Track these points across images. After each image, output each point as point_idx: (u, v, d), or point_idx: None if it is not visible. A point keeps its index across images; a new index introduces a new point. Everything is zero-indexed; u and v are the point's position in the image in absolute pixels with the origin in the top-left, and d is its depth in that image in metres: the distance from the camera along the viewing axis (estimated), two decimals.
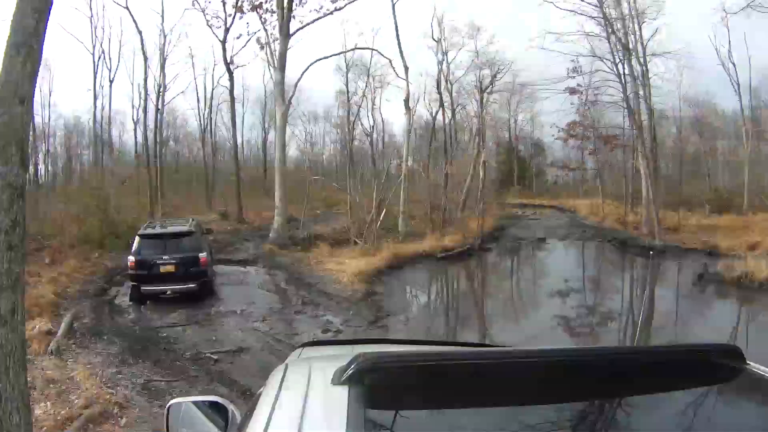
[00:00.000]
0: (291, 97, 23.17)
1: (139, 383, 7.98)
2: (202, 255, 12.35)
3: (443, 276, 19.48)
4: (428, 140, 35.06)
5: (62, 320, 11.14)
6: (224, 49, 27.67)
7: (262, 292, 14.74)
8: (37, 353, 9.55)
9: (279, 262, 18.08)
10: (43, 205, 22.29)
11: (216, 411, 2.21)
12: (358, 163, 39.33)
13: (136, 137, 27.29)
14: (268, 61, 23.13)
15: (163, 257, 12.08)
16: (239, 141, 35.04)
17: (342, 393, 1.31)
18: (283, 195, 21.39)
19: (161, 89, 27.67)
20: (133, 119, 32.49)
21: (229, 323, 11.59)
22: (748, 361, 1.62)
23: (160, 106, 27.72)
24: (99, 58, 29.28)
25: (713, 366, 1.64)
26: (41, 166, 38.31)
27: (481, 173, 25.09)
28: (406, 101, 26.29)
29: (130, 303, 12.98)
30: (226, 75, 29.36)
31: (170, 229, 13.12)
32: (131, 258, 12.14)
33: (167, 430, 2.23)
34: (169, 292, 12.24)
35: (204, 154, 36.46)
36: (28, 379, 8.46)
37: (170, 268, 12.07)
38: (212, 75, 36.56)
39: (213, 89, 36.08)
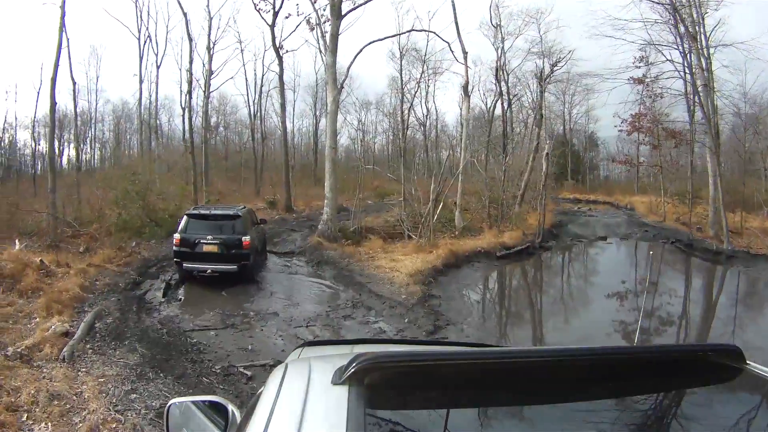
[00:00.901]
0: (343, 81, 21.69)
1: (154, 407, 6.51)
2: (246, 238, 12.44)
3: (504, 278, 17.59)
4: (486, 131, 33.61)
5: (83, 319, 9.92)
6: (273, 34, 26.78)
7: (308, 291, 13.32)
8: (48, 359, 8.37)
9: (327, 257, 16.59)
10: (85, 191, 21.47)
11: (216, 411, 2.15)
12: (410, 153, 38.20)
13: (183, 123, 26.29)
14: (319, 45, 21.94)
15: (207, 237, 12.33)
16: (289, 128, 34.19)
17: (342, 393, 1.32)
18: (334, 185, 19.88)
19: (208, 74, 26.61)
20: (181, 105, 31.90)
21: (268, 327, 10.17)
22: (748, 361, 1.65)
23: (207, 92, 26.65)
24: (145, 42, 28.78)
25: (713, 366, 1.66)
26: (90, 151, 38.41)
27: (544, 166, 23.27)
28: (465, 87, 24.75)
29: (162, 300, 11.77)
30: (276, 61, 28.54)
31: (217, 211, 13.23)
32: (177, 235, 12.44)
33: (167, 430, 2.14)
34: (209, 271, 12.35)
35: (253, 141, 35.62)
36: (32, 391, 7.31)
37: (213, 248, 12.29)
38: (262, 61, 36.20)
39: (263, 75, 35.80)
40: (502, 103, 33.23)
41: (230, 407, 2.16)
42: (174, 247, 12.63)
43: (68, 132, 29.14)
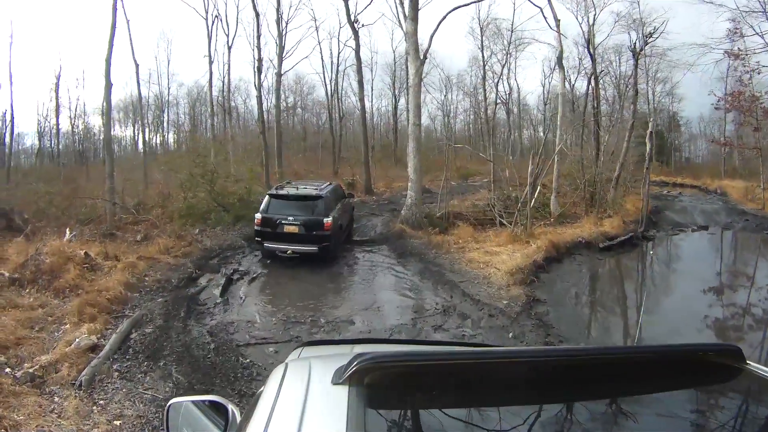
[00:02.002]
0: (426, 52, 19.04)
1: None
2: (327, 220, 12.17)
3: (615, 276, 14.45)
4: (569, 109, 30.51)
5: (118, 328, 7.99)
6: (347, 7, 24.84)
7: (390, 291, 11.02)
8: (63, 383, 6.50)
9: (412, 247, 14.26)
10: (152, 177, 20.12)
11: (216, 411, 2.13)
12: (491, 133, 35.85)
13: (260, 103, 24.59)
14: (398, 14, 19.55)
15: (289, 218, 12.19)
16: (368, 107, 32.67)
17: (342, 393, 1.32)
18: (418, 165, 17.55)
19: (281, 53, 24.79)
20: (255, 86, 30.60)
21: None
22: (748, 361, 1.64)
23: (279, 71, 24.81)
24: (213, 23, 27.30)
25: (713, 366, 1.66)
26: (165, 135, 38.00)
27: (648, 146, 20.07)
28: (559, 58, 21.89)
29: (219, 300, 9.76)
30: (352, 37, 26.45)
31: (299, 191, 12.94)
32: (258, 215, 12.39)
33: (167, 430, 2.10)
34: (289, 252, 12.21)
35: (331, 121, 33.86)
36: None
37: (293, 229, 12.14)
38: (338, 38, 34.72)
39: (339, 53, 34.39)
40: (593, 79, 29.82)
41: (230, 407, 2.08)
42: (255, 227, 12.52)
43: (143, 116, 28.26)
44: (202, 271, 11.49)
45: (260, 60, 24.60)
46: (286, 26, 25.91)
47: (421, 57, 18.80)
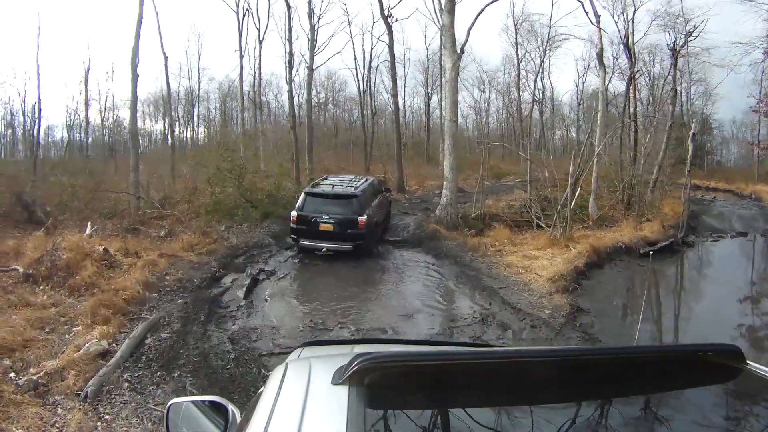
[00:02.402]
0: (463, 46, 18.14)
1: None
2: (361, 218, 12.19)
3: (658, 283, 13.27)
4: (614, 108, 29.52)
5: (133, 332, 7.31)
6: (380, 1, 23.90)
7: (425, 296, 10.20)
8: (68, 393, 5.86)
9: (447, 249, 13.37)
10: (180, 171, 19.60)
11: (216, 411, 2.11)
12: (524, 132, 35.33)
13: (291, 98, 23.96)
14: (434, 6, 18.64)
15: (324, 216, 12.19)
16: (400, 104, 31.62)
17: (342, 393, 1.31)
18: (454, 163, 16.74)
19: (312, 48, 24.12)
20: (286, 80, 30.11)
21: None
22: (748, 361, 1.63)
23: (311, 66, 24.15)
24: (244, 16, 26.77)
25: (713, 366, 1.66)
26: (196, 129, 37.77)
27: (690, 148, 18.89)
28: (600, 55, 20.81)
29: (242, 302, 9.04)
30: (385, 32, 25.54)
31: (335, 190, 12.99)
32: (294, 213, 12.39)
33: (167, 430, 2.08)
34: (324, 249, 12.15)
35: (363, 118, 33.14)
36: None
37: (329, 227, 12.15)
38: (371, 33, 34.17)
39: (372, 48, 33.73)
40: (631, 79, 28.63)
41: (230, 407, 2.06)
42: (291, 224, 12.51)
43: (172, 110, 27.85)
44: (226, 271, 10.81)
45: (291, 53, 23.97)
46: (318, 20, 25.28)
47: (458, 51, 17.93)
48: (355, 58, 35.12)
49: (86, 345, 6.72)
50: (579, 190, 17.59)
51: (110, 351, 6.78)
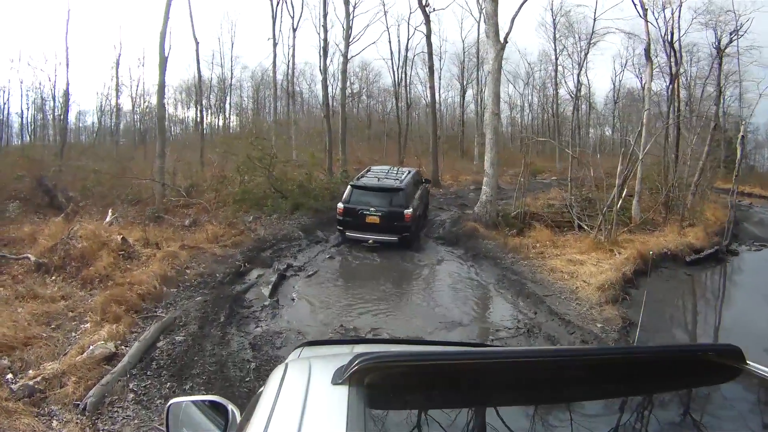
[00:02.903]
0: (507, 36, 17.03)
1: None
2: (407, 211, 12.24)
3: (708, 295, 12.01)
4: (640, 108, 28.10)
5: (145, 333, 6.52)
6: None
7: (464, 301, 9.26)
8: (66, 403, 5.12)
9: (486, 249, 12.39)
10: (208, 159, 18.92)
11: (216, 411, 2.08)
12: (555, 130, 34.70)
13: (324, 86, 23.17)
14: None
15: (370, 208, 12.29)
16: (436, 98, 30.37)
17: (342, 393, 1.31)
18: (496, 159, 15.74)
19: (348, 36, 23.25)
20: (320, 70, 29.42)
21: None
22: (748, 361, 1.62)
23: (347, 53, 23.29)
24: (278, 3, 25.99)
25: (713, 366, 1.64)
26: (228, 118, 37.33)
27: (738, 151, 17.78)
28: (647, 51, 19.55)
29: (267, 302, 8.21)
30: (423, 23, 24.64)
31: (380, 182, 13.08)
32: (340, 205, 12.55)
33: (167, 429, 2.05)
34: (370, 241, 12.14)
35: (397, 109, 32.23)
36: None
37: (375, 219, 12.21)
38: (407, 23, 33.21)
39: (408, 39, 32.65)
40: (674, 78, 27.21)
41: (230, 407, 2.03)
42: (338, 216, 12.66)
43: (202, 96, 27.31)
44: (251, 265, 10.01)
45: (326, 40, 23.10)
46: (354, 9, 24.40)
47: (502, 41, 16.87)
48: (391, 48, 34.25)
49: (91, 348, 5.94)
50: (624, 191, 16.48)
51: (118, 354, 6.01)
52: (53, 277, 8.49)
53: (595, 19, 33.03)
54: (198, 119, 27.18)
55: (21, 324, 6.72)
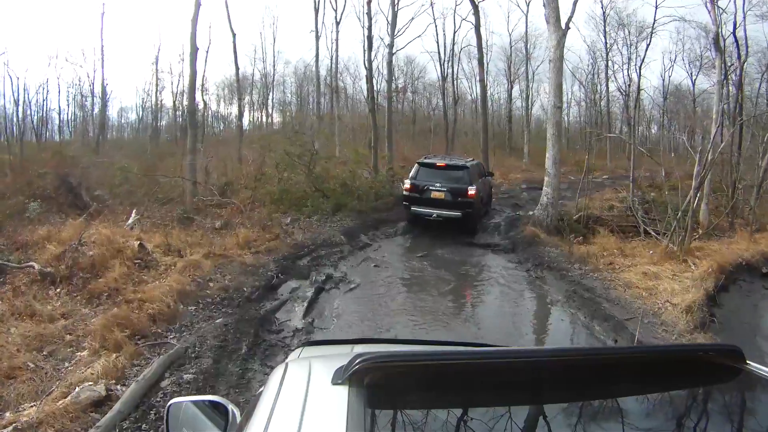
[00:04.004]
0: (569, 21, 15.38)
1: None
2: (471, 189, 12.64)
3: None
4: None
5: (146, 370, 5.26)
6: None
7: (529, 323, 7.96)
8: None
9: (549, 258, 10.82)
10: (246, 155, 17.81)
11: (216, 411, 2.06)
12: (603, 127, 33.53)
13: (369, 78, 22.00)
14: None
15: (436, 184, 12.70)
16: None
17: (342, 393, 1.30)
18: (558, 156, 14.11)
19: (393, 29, 21.94)
20: (364, 65, 28.39)
21: None
22: (748, 361, 1.60)
23: (393, 42, 22.01)
24: None
25: (713, 366, 1.63)
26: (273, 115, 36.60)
27: None
28: (716, 41, 17.45)
29: (300, 326, 6.89)
30: (471, 13, 23.20)
31: (447, 161, 13.64)
32: (407, 182, 13.02)
33: (167, 429, 2.01)
34: (435, 215, 12.63)
35: (444, 104, 30.78)
36: None
37: (440, 195, 12.65)
38: (453, 16, 31.90)
39: (455, 31, 31.56)
40: (741, 71, 25.22)
41: (230, 407, 2.02)
42: (404, 192, 13.16)
43: (241, 90, 26.44)
44: (285, 276, 8.72)
45: (370, 28, 21.75)
46: (396, 7, 23.12)
47: (564, 27, 15.18)
48: (437, 41, 33.05)
49: (76, 390, 4.70)
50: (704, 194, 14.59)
51: (110, 397, 4.74)
52: (58, 290, 7.37)
53: (657, 7, 31.01)
54: (239, 114, 26.39)
55: (8, 350, 5.59)
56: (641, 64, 30.88)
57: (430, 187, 12.65)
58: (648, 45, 31.08)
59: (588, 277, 9.77)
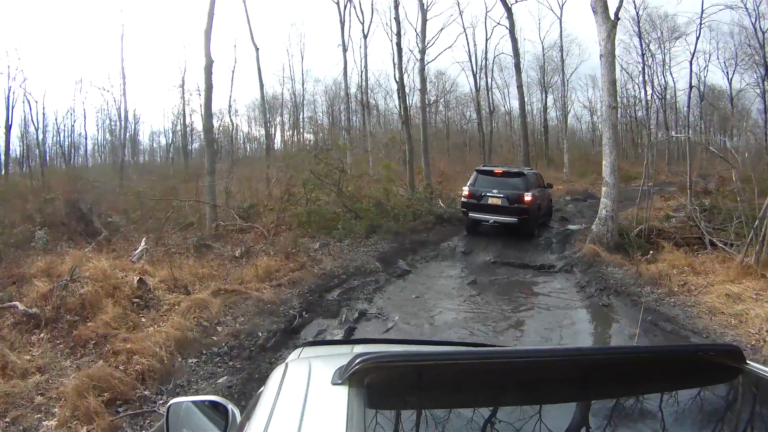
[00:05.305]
0: (618, 9, 13.98)
1: None
2: (527, 195, 12.76)
3: None
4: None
5: None
6: None
7: None
8: None
9: (615, 280, 9.42)
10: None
11: (216, 411, 2.02)
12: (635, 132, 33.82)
13: (399, 98, 21.13)
14: None
15: (493, 191, 12.95)
16: (514, 104, 28.08)
17: (342, 393, 1.29)
18: (616, 163, 12.60)
19: (424, 29, 20.92)
20: (394, 79, 27.61)
21: None
22: (748, 361, 1.60)
23: (424, 47, 20.94)
24: (345, 7, 24.25)
25: (713, 366, 1.63)
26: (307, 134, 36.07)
27: None
28: None
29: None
30: (504, 16, 23.97)
31: (504, 168, 13.88)
32: (465, 189, 13.37)
33: (167, 429, 1.98)
34: (492, 221, 12.95)
35: (478, 116, 29.59)
36: None
37: (497, 201, 12.86)
38: (484, 24, 31.05)
39: (487, 40, 30.66)
40: None
41: (230, 407, 1.97)
42: (462, 199, 13.48)
43: (266, 107, 25.66)
44: (310, 314, 7.41)
45: (399, 34, 20.70)
46: (426, 11, 22.17)
47: (613, 18, 13.77)
48: (469, 50, 32.27)
49: None
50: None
51: None
52: (42, 334, 6.22)
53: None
54: (264, 133, 25.79)
55: None
56: (691, 59, 29.43)
57: (488, 194, 12.96)
58: (698, 37, 29.59)
59: (664, 302, 8.32)
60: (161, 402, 4.83)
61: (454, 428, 1.33)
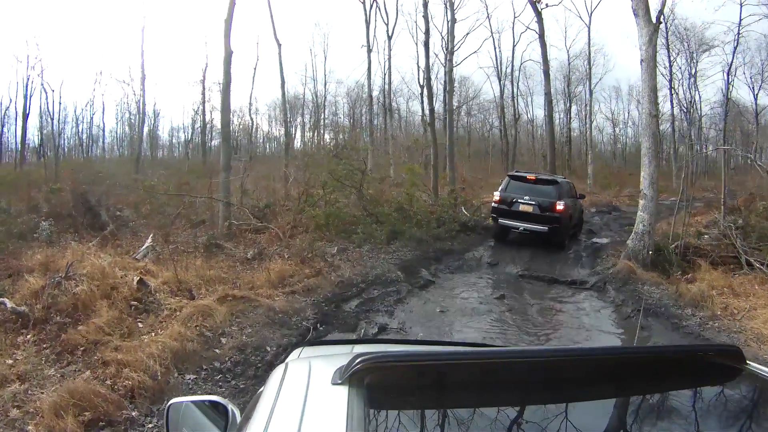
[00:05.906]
0: (660, 13, 13.23)
1: None
2: (559, 204, 12.49)
3: None
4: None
5: None
6: None
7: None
8: None
9: (653, 300, 8.72)
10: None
11: (216, 411, 1.99)
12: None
13: (422, 102, 20.65)
14: None
15: (524, 198, 12.68)
16: (539, 115, 27.57)
17: (342, 393, 1.28)
18: (656, 175, 11.79)
19: (450, 41, 20.31)
20: (418, 82, 27.07)
21: None
22: (748, 361, 1.59)
23: (452, 47, 20.37)
24: (371, 7, 23.88)
25: (713, 366, 1.62)
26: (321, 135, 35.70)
27: None
28: None
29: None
30: (533, 20, 23.53)
31: (537, 175, 13.60)
32: (497, 194, 13.13)
33: (167, 429, 1.95)
34: (521, 228, 12.62)
35: (502, 123, 28.85)
36: None
37: (527, 208, 12.61)
38: (512, 29, 30.83)
39: (514, 45, 30.05)
40: None
41: (230, 407, 1.94)
42: (493, 204, 13.21)
43: (286, 104, 25.17)
44: (326, 327, 6.75)
45: (427, 32, 20.16)
46: (454, 13, 21.57)
47: (654, 21, 13.01)
48: (496, 55, 31.54)
49: None
50: None
51: None
52: (29, 336, 5.62)
53: (741, 5, 28.76)
54: (284, 131, 25.37)
55: None
56: (728, 69, 28.57)
57: (519, 200, 12.67)
58: (735, 47, 28.62)
59: (708, 327, 7.64)
60: (151, 425, 4.18)
61: (453, 428, 1.33)
